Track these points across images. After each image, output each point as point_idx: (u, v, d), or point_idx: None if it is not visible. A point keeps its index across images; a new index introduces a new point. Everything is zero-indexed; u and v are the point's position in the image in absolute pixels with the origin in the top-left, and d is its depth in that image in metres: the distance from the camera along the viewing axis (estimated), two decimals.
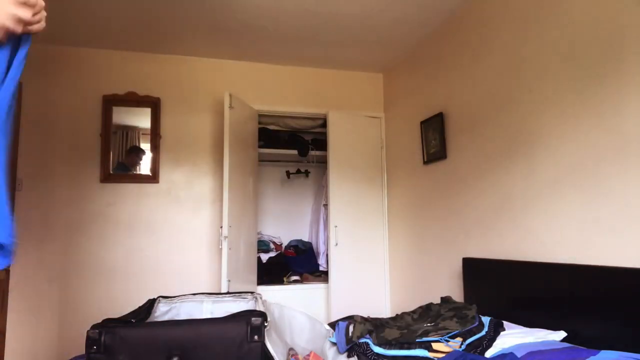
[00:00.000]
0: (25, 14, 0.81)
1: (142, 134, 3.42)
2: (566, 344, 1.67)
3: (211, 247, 3.44)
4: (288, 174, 4.28)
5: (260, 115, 3.74)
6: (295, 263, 3.97)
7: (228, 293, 1.95)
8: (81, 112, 3.31)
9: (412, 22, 3.02)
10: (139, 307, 1.74)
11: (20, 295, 3.06)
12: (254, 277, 3.49)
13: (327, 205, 3.68)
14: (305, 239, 4.30)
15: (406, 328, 1.88)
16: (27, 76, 3.18)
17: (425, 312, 2.18)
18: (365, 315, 2.16)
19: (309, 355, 1.67)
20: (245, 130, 3.43)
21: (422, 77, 3.29)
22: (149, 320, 1.65)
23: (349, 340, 1.75)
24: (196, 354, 1.26)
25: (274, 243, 4.12)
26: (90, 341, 1.25)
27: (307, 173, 4.33)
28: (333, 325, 1.94)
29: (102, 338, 1.25)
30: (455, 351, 1.61)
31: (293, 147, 4.01)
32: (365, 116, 3.88)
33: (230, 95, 3.16)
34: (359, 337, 1.75)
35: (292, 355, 1.63)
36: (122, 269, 3.26)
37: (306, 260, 4.00)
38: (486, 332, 1.79)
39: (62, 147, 3.25)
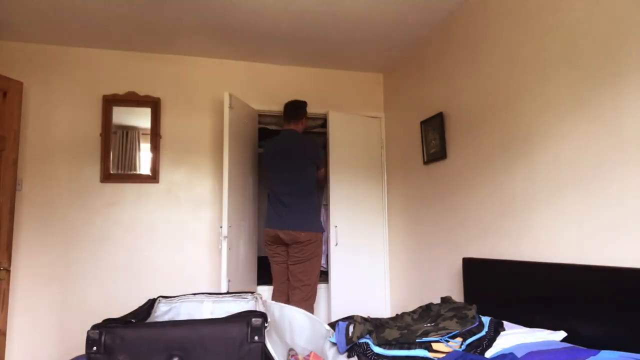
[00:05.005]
0: None
1: (142, 134, 3.42)
2: (566, 344, 1.67)
3: (211, 247, 3.44)
4: None
5: (260, 115, 3.74)
6: None
7: (228, 293, 1.95)
8: (81, 112, 3.31)
9: (412, 22, 3.02)
10: (139, 307, 1.74)
11: (20, 295, 3.06)
12: (254, 277, 3.50)
13: (327, 205, 3.68)
14: None
15: (406, 328, 1.88)
16: (27, 76, 3.19)
17: (425, 312, 2.18)
18: (365, 315, 2.16)
19: (309, 355, 1.67)
20: (245, 130, 3.43)
21: (422, 77, 3.29)
22: (149, 320, 1.65)
23: (349, 340, 1.75)
24: (196, 354, 1.26)
25: None
26: (90, 341, 1.25)
27: None
28: (333, 325, 1.94)
29: (103, 338, 1.25)
30: (455, 351, 1.61)
31: None
32: (365, 116, 3.88)
33: (230, 95, 3.16)
34: (359, 337, 1.75)
35: (292, 356, 1.63)
36: (122, 269, 3.27)
37: None
38: (486, 332, 1.79)
39: (62, 147, 3.26)
